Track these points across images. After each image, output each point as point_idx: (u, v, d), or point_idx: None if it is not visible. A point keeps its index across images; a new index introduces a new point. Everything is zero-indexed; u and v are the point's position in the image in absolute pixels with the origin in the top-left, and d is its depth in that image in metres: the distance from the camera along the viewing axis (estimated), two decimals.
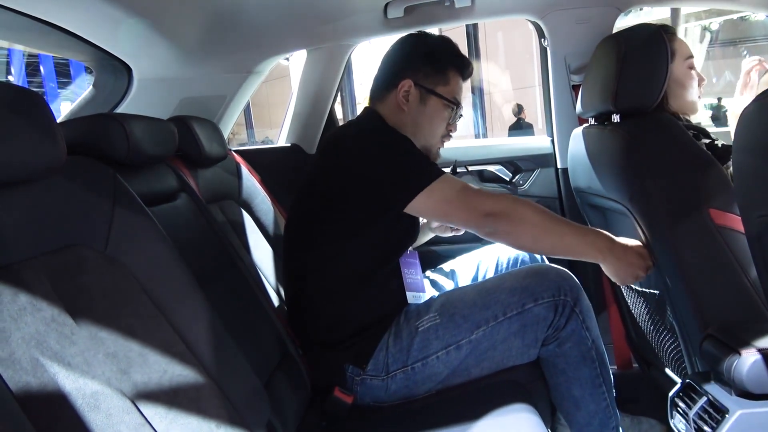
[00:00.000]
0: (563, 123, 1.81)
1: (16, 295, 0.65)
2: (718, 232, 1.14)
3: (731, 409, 0.98)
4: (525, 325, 1.19)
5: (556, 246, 1.19)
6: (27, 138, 0.71)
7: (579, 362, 1.21)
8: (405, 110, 1.31)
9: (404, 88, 1.31)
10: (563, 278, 1.21)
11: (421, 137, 1.32)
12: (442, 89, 1.32)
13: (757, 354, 0.97)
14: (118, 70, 1.56)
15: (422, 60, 1.32)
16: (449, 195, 1.17)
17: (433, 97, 1.31)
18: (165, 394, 0.78)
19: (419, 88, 1.31)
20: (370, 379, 1.22)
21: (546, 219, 1.18)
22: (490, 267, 1.49)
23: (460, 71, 1.35)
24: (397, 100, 1.32)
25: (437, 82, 1.32)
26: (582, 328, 1.20)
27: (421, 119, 1.32)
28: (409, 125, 1.31)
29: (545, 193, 1.88)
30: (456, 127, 1.38)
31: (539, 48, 1.88)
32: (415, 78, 1.31)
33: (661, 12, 5.61)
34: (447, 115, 1.34)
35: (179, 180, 1.25)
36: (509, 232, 1.17)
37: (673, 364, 1.39)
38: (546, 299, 1.19)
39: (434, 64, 1.32)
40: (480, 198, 1.18)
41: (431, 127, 1.33)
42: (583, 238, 1.20)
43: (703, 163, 1.17)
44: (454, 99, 1.33)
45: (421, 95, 1.31)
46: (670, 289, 1.21)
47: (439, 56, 1.33)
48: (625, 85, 1.26)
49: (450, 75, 1.33)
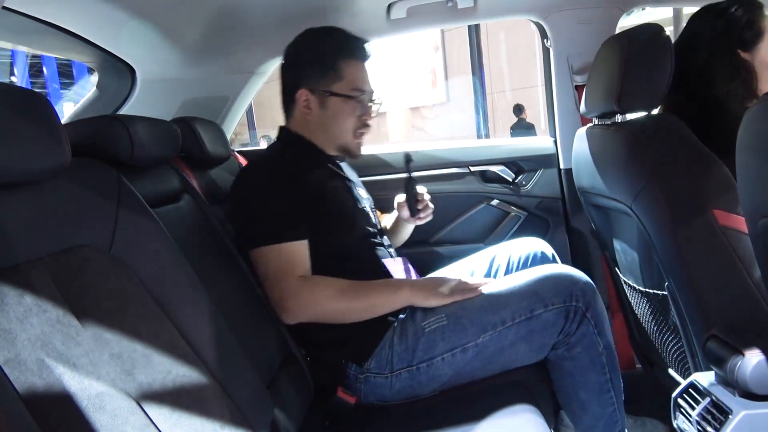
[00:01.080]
0: (566, 123, 1.81)
1: (22, 296, 0.65)
2: (723, 233, 1.13)
3: (735, 410, 0.98)
4: (533, 331, 1.18)
5: (357, 313, 1.22)
6: (32, 139, 0.71)
7: (587, 367, 1.20)
8: (310, 119, 1.33)
9: (302, 99, 1.33)
10: (575, 282, 1.20)
11: (333, 138, 1.34)
12: (337, 86, 1.31)
13: (761, 355, 0.97)
14: (121, 71, 1.57)
15: (309, 65, 1.33)
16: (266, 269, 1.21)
17: (331, 98, 1.32)
18: (169, 395, 0.78)
19: (316, 94, 1.32)
20: (374, 377, 1.22)
21: (343, 301, 1.20)
22: (502, 264, 1.48)
23: (354, 57, 1.33)
24: (301, 112, 1.33)
25: (330, 81, 1.32)
26: (593, 333, 1.18)
27: (326, 122, 1.33)
28: (319, 131, 1.34)
29: (548, 194, 1.88)
30: (371, 113, 1.35)
31: (542, 48, 1.87)
32: (309, 85, 1.32)
33: (663, 12, 5.59)
34: (351, 109, 1.32)
35: (182, 181, 1.25)
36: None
37: (676, 365, 1.39)
38: (556, 305, 1.17)
39: (322, 64, 1.32)
40: (287, 288, 1.19)
41: (339, 127, 1.33)
42: (381, 297, 1.22)
43: (707, 163, 1.17)
44: (353, 90, 1.31)
45: (320, 100, 1.32)
46: (674, 290, 1.21)
47: (324, 54, 1.32)
48: (629, 85, 1.25)
49: (342, 67, 1.32)
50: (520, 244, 1.51)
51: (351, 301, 1.21)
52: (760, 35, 1.27)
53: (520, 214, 1.88)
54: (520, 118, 8.48)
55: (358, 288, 1.22)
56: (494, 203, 1.89)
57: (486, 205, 1.89)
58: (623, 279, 1.54)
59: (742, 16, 1.26)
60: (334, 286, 1.21)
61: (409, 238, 1.65)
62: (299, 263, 1.22)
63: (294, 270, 1.21)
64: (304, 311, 1.20)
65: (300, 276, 1.21)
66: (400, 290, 1.23)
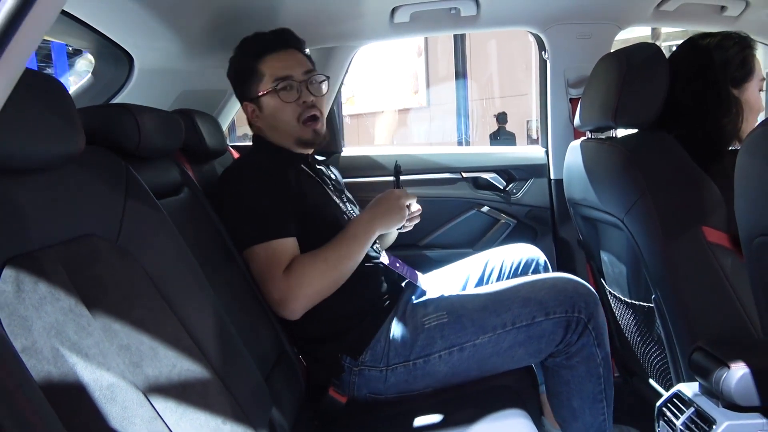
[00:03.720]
0: (559, 135, 1.85)
1: (36, 283, 0.64)
2: (711, 250, 1.17)
3: (718, 420, 1.01)
4: (531, 337, 1.20)
5: (345, 270, 1.24)
6: (49, 125, 0.71)
7: (584, 377, 1.23)
8: (262, 125, 1.39)
9: (249, 110, 1.40)
10: (579, 294, 1.22)
11: (285, 135, 1.37)
12: (262, 86, 1.35)
13: (746, 368, 1.00)
14: (119, 59, 1.54)
15: (236, 79, 1.41)
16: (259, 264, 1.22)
17: (262, 99, 1.36)
18: (175, 389, 0.78)
19: (254, 102, 1.37)
20: (368, 370, 1.23)
21: (321, 263, 1.21)
22: (495, 269, 1.51)
23: (268, 52, 1.36)
24: (254, 121, 1.40)
25: (256, 85, 1.36)
26: (593, 345, 1.21)
27: (271, 123, 1.37)
28: (273, 133, 1.38)
29: (537, 203, 1.91)
30: (312, 92, 1.36)
31: (538, 60, 1.91)
32: (246, 97, 1.38)
33: (641, 29, 5.72)
34: (281, 100, 1.34)
35: (182, 174, 1.24)
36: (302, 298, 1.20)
37: (657, 375, 1.43)
38: (558, 315, 1.20)
39: (246, 74, 1.37)
40: (278, 285, 1.20)
41: (281, 121, 1.36)
42: (354, 243, 1.25)
43: (698, 181, 1.21)
44: (275, 81, 1.33)
45: (257, 106, 1.37)
46: (662, 302, 1.25)
47: (245, 63, 1.38)
48: (625, 101, 1.28)
49: (259, 68, 1.36)
50: (513, 249, 1.53)
51: (337, 264, 1.22)
52: (749, 74, 1.30)
53: (510, 221, 1.91)
54: (500, 127, 8.55)
55: (335, 247, 1.24)
56: (484, 210, 1.91)
57: (476, 211, 1.92)
58: (608, 290, 1.57)
59: (737, 53, 1.28)
60: (317, 261, 1.21)
61: (399, 241, 1.66)
62: (288, 260, 1.22)
63: (282, 267, 1.21)
64: (302, 300, 1.19)
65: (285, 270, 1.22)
66: (367, 225, 1.26)
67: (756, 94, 1.32)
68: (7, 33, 0.44)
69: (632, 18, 1.76)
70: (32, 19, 0.45)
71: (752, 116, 1.32)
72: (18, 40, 0.45)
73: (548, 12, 1.73)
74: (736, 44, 1.29)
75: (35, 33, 0.47)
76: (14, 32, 0.44)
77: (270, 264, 1.20)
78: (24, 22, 0.45)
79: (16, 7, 0.44)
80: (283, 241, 1.22)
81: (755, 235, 0.80)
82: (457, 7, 1.63)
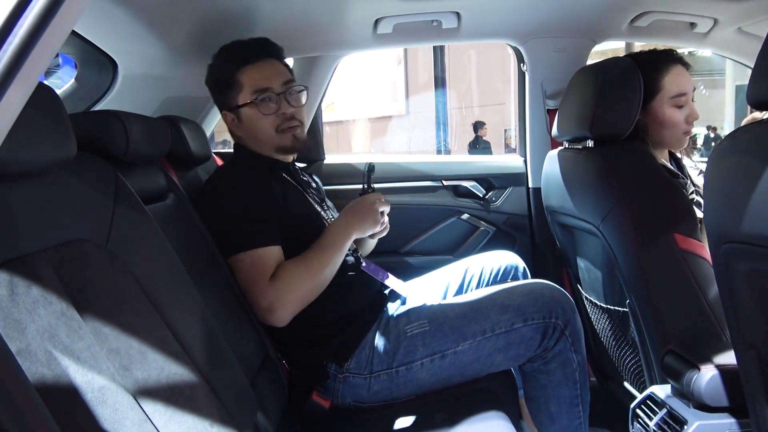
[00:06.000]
0: (537, 144, 1.90)
1: (29, 287, 0.65)
2: (682, 256, 1.22)
3: (690, 420, 1.06)
4: (510, 343, 1.23)
5: (327, 275, 1.26)
6: (43, 131, 0.72)
7: (561, 382, 1.26)
8: (241, 134, 1.40)
9: (228, 119, 1.40)
10: (556, 300, 1.26)
11: (263, 143, 1.38)
12: (241, 97, 1.36)
13: (715, 370, 1.05)
14: (103, 65, 1.54)
15: (217, 88, 1.41)
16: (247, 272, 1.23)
17: (241, 110, 1.37)
18: (163, 392, 0.79)
19: (233, 111, 1.38)
20: (353, 377, 1.25)
21: (305, 270, 1.23)
22: (475, 276, 1.54)
23: (247, 63, 1.36)
24: (233, 130, 1.41)
25: (235, 95, 1.36)
26: (570, 350, 1.25)
27: (250, 132, 1.38)
28: (252, 141, 1.40)
29: (516, 211, 1.96)
30: (291, 103, 1.36)
31: (517, 70, 1.96)
32: (225, 106, 1.39)
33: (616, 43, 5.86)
34: (261, 111, 1.34)
35: (168, 180, 1.25)
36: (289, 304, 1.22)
37: (631, 378, 1.47)
38: (536, 320, 1.23)
39: (224, 84, 1.38)
40: (264, 292, 1.21)
41: (260, 131, 1.37)
42: (333, 249, 1.26)
43: (670, 189, 1.26)
44: (254, 93, 1.34)
45: (236, 115, 1.38)
46: (635, 307, 1.29)
47: (223, 73, 1.38)
48: (601, 113, 1.33)
49: (239, 78, 1.36)
50: (492, 256, 1.57)
51: (320, 270, 1.24)
52: (652, 95, 1.38)
53: (489, 228, 1.95)
54: (477, 136, 8.66)
55: (315, 253, 1.25)
56: (465, 217, 1.95)
57: (457, 218, 1.95)
58: (585, 295, 1.62)
59: (642, 76, 1.32)
60: (301, 267, 1.23)
61: (380, 248, 1.67)
62: (273, 267, 1.23)
63: (268, 274, 1.22)
64: (290, 306, 1.21)
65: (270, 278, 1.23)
66: (343, 230, 1.28)
67: (663, 110, 1.39)
68: (24, 50, 0.46)
69: (607, 33, 1.83)
70: (48, 36, 0.46)
71: (666, 131, 1.40)
72: (33, 59, 0.46)
73: (526, 26, 1.78)
74: (641, 68, 1.33)
75: (50, 50, 0.48)
76: (31, 49, 0.46)
77: (256, 272, 1.21)
78: (40, 40, 0.46)
79: (33, 26, 0.46)
80: (269, 249, 1.23)
81: (722, 242, 0.84)
82: (439, 20, 1.67)
